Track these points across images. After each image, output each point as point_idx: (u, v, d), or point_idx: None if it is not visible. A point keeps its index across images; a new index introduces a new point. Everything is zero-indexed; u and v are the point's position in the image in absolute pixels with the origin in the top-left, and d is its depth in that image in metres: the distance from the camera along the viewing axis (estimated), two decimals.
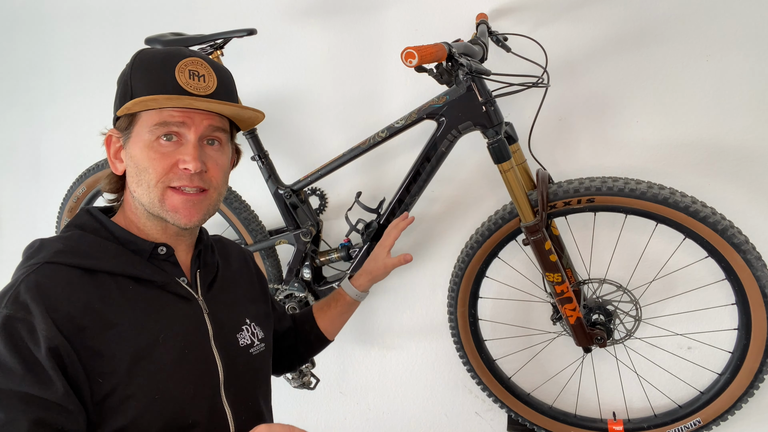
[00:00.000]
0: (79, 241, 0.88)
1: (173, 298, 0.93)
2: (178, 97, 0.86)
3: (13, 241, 2.48)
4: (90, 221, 0.93)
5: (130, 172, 0.92)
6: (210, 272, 1.03)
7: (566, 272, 1.46)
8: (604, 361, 1.62)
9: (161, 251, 0.94)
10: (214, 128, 0.92)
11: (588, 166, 1.56)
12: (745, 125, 1.43)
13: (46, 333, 0.76)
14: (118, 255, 0.89)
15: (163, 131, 0.88)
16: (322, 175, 1.62)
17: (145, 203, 0.91)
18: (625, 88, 1.51)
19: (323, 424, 2.00)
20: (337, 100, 1.82)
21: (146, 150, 0.88)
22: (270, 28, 1.84)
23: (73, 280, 0.83)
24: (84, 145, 2.24)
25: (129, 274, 0.88)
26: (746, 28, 1.40)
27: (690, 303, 1.51)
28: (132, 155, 0.90)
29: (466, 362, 1.63)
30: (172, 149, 0.89)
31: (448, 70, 1.25)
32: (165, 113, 0.87)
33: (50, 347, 0.75)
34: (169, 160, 0.88)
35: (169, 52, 0.91)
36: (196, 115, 0.89)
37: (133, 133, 0.90)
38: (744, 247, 1.27)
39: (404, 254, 1.32)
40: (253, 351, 1.04)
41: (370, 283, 1.35)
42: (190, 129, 0.89)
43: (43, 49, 2.28)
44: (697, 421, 1.44)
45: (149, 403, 0.83)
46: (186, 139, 0.90)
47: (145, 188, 0.89)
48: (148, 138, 0.88)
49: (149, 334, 0.86)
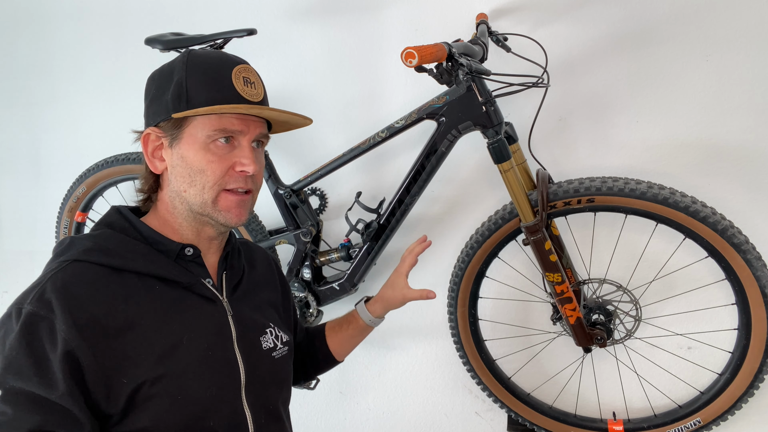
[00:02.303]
0: (108, 239, 0.89)
1: (198, 299, 0.93)
2: (246, 106, 0.90)
3: (13, 241, 2.48)
4: (119, 220, 0.94)
5: (178, 172, 0.92)
6: (236, 275, 1.04)
7: (566, 272, 1.46)
8: (604, 361, 1.62)
9: (188, 252, 0.95)
10: (263, 134, 0.97)
11: (588, 166, 1.56)
12: (745, 125, 1.43)
13: (65, 335, 0.76)
14: (145, 255, 0.90)
15: (221, 136, 0.91)
16: (322, 175, 1.62)
17: (195, 203, 0.92)
18: (625, 88, 1.51)
19: (323, 424, 2.00)
20: (337, 100, 1.82)
21: (202, 152, 0.90)
22: (270, 28, 1.85)
23: (100, 280, 0.84)
24: (84, 145, 2.24)
25: (155, 274, 0.89)
26: (746, 28, 1.40)
27: (690, 303, 1.51)
28: (184, 156, 0.91)
29: (466, 362, 1.63)
30: (227, 152, 0.92)
31: (448, 70, 1.25)
32: (225, 120, 0.90)
33: (67, 350, 0.76)
34: (227, 163, 0.91)
35: (221, 57, 0.94)
36: (251, 122, 0.93)
37: (184, 134, 0.91)
38: (744, 247, 1.27)
39: (427, 290, 1.22)
40: (275, 354, 1.03)
41: (385, 310, 1.28)
42: (245, 135, 0.93)
43: (43, 49, 2.28)
44: (697, 421, 1.44)
45: (172, 403, 0.83)
46: (240, 143, 0.93)
47: (199, 189, 0.91)
48: (204, 141, 0.90)
49: (173, 335, 0.87)
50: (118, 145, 2.04)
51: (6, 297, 2.49)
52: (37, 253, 2.39)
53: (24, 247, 2.42)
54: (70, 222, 2.00)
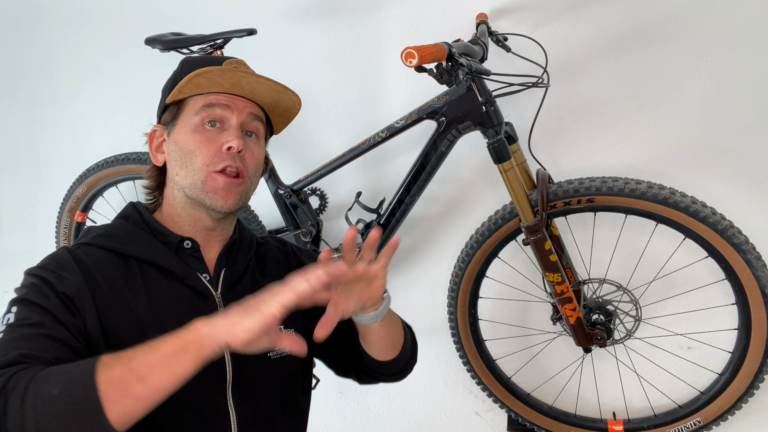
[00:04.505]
0: (119, 229, 0.96)
1: (189, 291, 0.94)
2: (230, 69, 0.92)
3: (13, 241, 2.48)
4: (133, 213, 1.00)
5: (173, 157, 0.96)
6: (237, 271, 1.03)
7: (566, 272, 1.46)
8: (604, 361, 1.62)
9: (187, 245, 0.97)
10: (253, 116, 0.98)
11: (588, 166, 1.56)
12: (745, 125, 1.43)
13: (73, 280, 0.84)
14: (148, 244, 0.95)
15: (208, 114, 0.94)
16: (322, 175, 1.62)
17: (186, 185, 0.95)
18: (625, 88, 1.51)
19: (323, 424, 1.99)
20: (337, 100, 1.82)
21: (192, 133, 0.94)
22: (270, 28, 1.84)
23: (106, 260, 0.91)
24: (84, 145, 2.24)
25: (154, 262, 0.93)
26: (746, 28, 1.40)
27: (690, 303, 1.51)
28: (177, 140, 0.96)
29: (466, 362, 1.63)
30: (217, 134, 0.94)
31: (448, 70, 1.25)
32: (211, 96, 0.94)
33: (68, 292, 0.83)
34: (215, 144, 0.94)
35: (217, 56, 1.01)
36: (239, 101, 0.96)
37: (179, 120, 0.96)
38: (744, 247, 1.27)
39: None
40: (271, 355, 1.01)
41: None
42: (233, 113, 0.95)
43: (43, 49, 2.28)
44: (697, 421, 1.44)
45: None
46: (229, 124, 0.96)
47: (189, 170, 0.94)
48: (194, 122, 0.94)
49: (158, 323, 0.88)
50: (118, 145, 2.04)
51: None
52: (37, 253, 2.38)
53: (24, 247, 2.41)
54: (70, 222, 2.00)
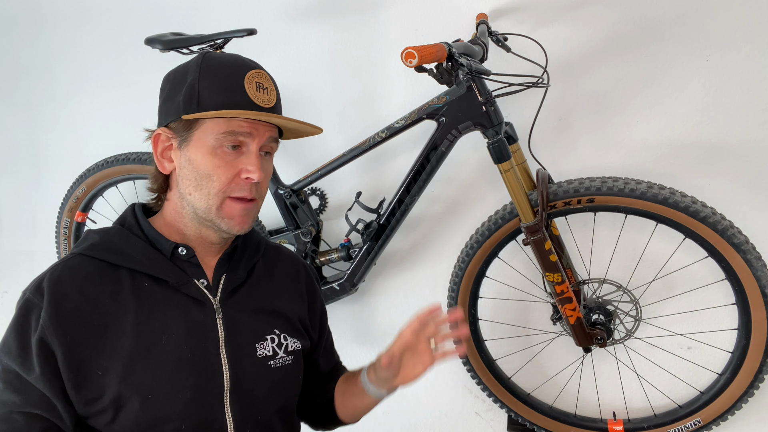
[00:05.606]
0: (115, 235, 0.94)
1: (185, 299, 0.93)
2: (254, 112, 0.90)
3: (13, 241, 2.48)
4: (130, 217, 0.98)
5: (185, 174, 0.93)
6: (238, 277, 1.00)
7: (566, 272, 1.46)
8: (604, 361, 1.62)
9: (181, 252, 0.95)
10: (272, 139, 0.96)
11: (588, 166, 1.56)
12: (745, 125, 1.43)
13: (43, 322, 0.83)
14: (141, 252, 0.92)
15: (229, 140, 0.90)
16: (322, 175, 1.62)
17: (199, 208, 0.93)
18: (625, 88, 1.51)
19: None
20: (337, 100, 1.82)
21: (209, 156, 0.90)
22: (270, 28, 1.84)
23: (94, 274, 0.89)
24: (84, 145, 2.24)
25: (146, 272, 0.91)
26: (746, 28, 1.40)
27: (690, 303, 1.51)
28: (192, 159, 0.91)
29: (466, 362, 1.63)
30: (234, 158, 0.91)
31: (448, 70, 1.25)
32: (233, 123, 0.90)
33: (41, 337, 0.82)
34: (233, 170, 0.91)
35: (236, 61, 0.94)
36: (260, 127, 0.93)
37: (193, 137, 0.91)
38: (744, 247, 1.27)
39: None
40: (272, 363, 0.98)
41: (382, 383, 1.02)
42: (254, 139, 0.92)
43: (43, 49, 2.28)
44: (697, 421, 1.44)
45: (142, 402, 0.84)
46: (248, 149, 0.92)
47: (204, 194, 0.91)
48: (212, 143, 0.90)
49: (152, 333, 0.88)
50: (118, 145, 2.04)
51: (6, 297, 2.49)
52: (37, 253, 2.39)
53: (24, 247, 2.41)
54: (70, 222, 2.00)
